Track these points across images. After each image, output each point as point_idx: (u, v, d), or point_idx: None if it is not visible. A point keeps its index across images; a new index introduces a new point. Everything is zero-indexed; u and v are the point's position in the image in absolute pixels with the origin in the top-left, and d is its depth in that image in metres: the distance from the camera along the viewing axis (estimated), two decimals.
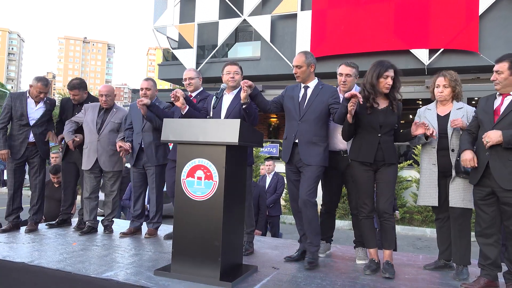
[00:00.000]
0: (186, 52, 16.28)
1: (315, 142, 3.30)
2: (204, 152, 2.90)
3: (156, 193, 4.25)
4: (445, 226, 3.32)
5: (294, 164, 3.40)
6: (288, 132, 3.44)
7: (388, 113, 3.19)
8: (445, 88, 3.23)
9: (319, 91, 3.38)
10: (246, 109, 3.31)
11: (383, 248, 3.27)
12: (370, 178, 3.23)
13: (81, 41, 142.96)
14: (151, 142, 4.18)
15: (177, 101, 3.59)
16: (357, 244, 3.62)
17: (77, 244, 3.85)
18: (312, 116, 3.31)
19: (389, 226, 3.23)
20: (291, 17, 14.47)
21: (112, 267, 3.14)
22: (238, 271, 2.99)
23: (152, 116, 4.06)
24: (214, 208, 2.83)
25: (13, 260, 3.26)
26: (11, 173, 4.34)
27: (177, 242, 2.94)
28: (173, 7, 16.93)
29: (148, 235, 4.24)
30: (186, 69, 4.21)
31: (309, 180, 3.26)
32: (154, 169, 4.21)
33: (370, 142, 3.19)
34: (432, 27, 12.35)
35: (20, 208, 4.46)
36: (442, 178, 3.22)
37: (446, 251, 3.35)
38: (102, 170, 4.40)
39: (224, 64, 3.76)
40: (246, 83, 3.22)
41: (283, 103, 3.51)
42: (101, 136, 4.31)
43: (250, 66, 14.39)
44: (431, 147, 3.23)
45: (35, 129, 4.33)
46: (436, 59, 12.34)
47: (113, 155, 4.35)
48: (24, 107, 4.29)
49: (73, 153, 4.50)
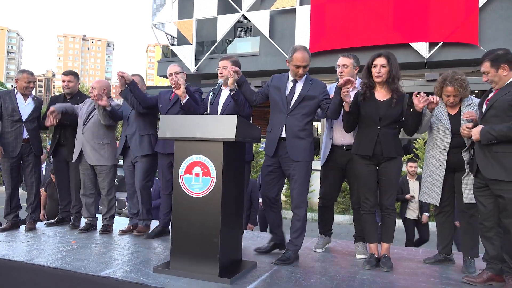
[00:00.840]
0: (185, 48, 16.21)
1: (302, 137, 3.25)
2: (202, 148, 2.88)
3: (141, 188, 4.12)
4: (447, 221, 3.31)
5: (277, 158, 3.33)
6: (273, 125, 3.35)
7: (389, 106, 3.13)
8: (455, 97, 3.16)
9: (310, 86, 3.31)
10: (234, 95, 3.25)
11: (382, 241, 3.26)
12: (371, 172, 3.20)
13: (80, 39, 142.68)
14: (134, 132, 4.11)
15: (178, 89, 3.53)
16: (357, 239, 3.62)
17: (76, 242, 3.84)
18: (302, 111, 3.26)
19: (390, 220, 3.23)
20: (290, 12, 14.39)
21: (111, 264, 3.13)
22: (237, 267, 2.98)
23: (128, 94, 3.95)
24: (212, 205, 2.82)
25: (13, 258, 3.26)
26: (8, 172, 4.31)
27: (176, 239, 2.93)
28: (171, 3, 16.84)
29: (138, 233, 4.16)
30: (171, 65, 4.08)
31: (301, 185, 3.25)
32: (140, 162, 4.10)
33: (369, 135, 3.16)
34: (431, 20, 12.28)
35: (19, 207, 4.45)
36: (450, 172, 3.18)
37: (447, 247, 3.34)
38: (92, 166, 4.31)
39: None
40: (233, 68, 3.19)
41: (268, 94, 3.42)
42: (85, 129, 4.26)
43: (249, 61, 14.34)
44: (442, 148, 3.16)
45: (28, 125, 4.30)
46: (436, 52, 12.27)
47: (98, 149, 4.26)
48: (15, 103, 4.26)
49: (62, 150, 4.49)
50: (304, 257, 3.45)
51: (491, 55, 2.82)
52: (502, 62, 2.76)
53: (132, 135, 4.12)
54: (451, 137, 3.13)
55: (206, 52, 15.88)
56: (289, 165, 3.27)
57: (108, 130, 4.34)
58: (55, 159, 4.61)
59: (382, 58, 3.14)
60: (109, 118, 4.19)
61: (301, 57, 3.25)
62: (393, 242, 3.29)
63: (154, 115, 4.27)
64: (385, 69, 3.12)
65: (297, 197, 3.27)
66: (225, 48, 16.65)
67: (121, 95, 3.98)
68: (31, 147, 4.33)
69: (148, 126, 4.15)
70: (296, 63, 3.26)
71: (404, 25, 12.52)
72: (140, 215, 4.25)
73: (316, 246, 3.72)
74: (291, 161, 3.25)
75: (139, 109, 4.02)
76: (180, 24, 16.49)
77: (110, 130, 4.39)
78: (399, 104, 3.15)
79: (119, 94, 4.01)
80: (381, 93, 3.19)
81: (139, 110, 4.03)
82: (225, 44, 16.70)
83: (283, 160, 3.30)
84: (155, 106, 4.10)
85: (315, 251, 3.67)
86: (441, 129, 3.18)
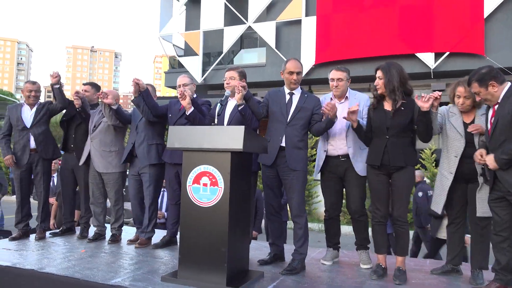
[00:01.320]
0: (192, 59, 16.39)
1: (300, 148, 3.36)
2: (209, 159, 2.93)
3: (150, 200, 4.15)
4: (457, 232, 3.29)
5: (275, 168, 3.40)
6: (272, 135, 3.42)
7: (395, 115, 3.15)
8: (466, 99, 3.14)
9: (305, 99, 3.46)
10: (242, 111, 3.30)
11: (396, 254, 3.24)
12: (382, 182, 3.20)
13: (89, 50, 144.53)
14: (142, 141, 4.14)
15: (183, 100, 3.59)
16: (358, 247, 3.61)
17: (85, 251, 3.89)
18: (300, 122, 3.38)
19: (403, 232, 3.19)
20: (296, 23, 14.53)
21: (119, 273, 3.17)
22: (245, 277, 3.00)
23: (140, 101, 3.99)
24: (220, 214, 2.86)
25: (23, 267, 3.31)
26: (17, 181, 4.40)
27: (184, 248, 2.96)
28: (178, 15, 17.10)
29: (139, 245, 4.09)
30: (180, 76, 4.15)
31: (299, 194, 3.33)
32: (148, 174, 4.11)
33: (377, 145, 3.19)
34: (437, 30, 12.32)
35: (29, 216, 4.51)
36: (463, 183, 3.16)
37: (456, 258, 3.31)
38: (100, 175, 4.34)
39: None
40: (241, 84, 3.26)
41: (268, 106, 3.53)
42: (93, 136, 4.31)
43: (255, 72, 14.46)
44: (454, 155, 3.14)
45: (34, 130, 4.36)
46: (442, 63, 12.30)
47: (106, 156, 4.28)
48: (19, 113, 4.40)
49: (69, 157, 4.54)
50: (311, 267, 3.46)
51: (476, 76, 2.86)
52: (489, 80, 2.81)
53: (140, 143, 4.15)
54: (464, 145, 3.11)
55: (212, 63, 16.03)
56: (288, 174, 3.34)
57: (116, 138, 4.37)
58: (62, 166, 4.66)
59: (379, 71, 3.22)
60: (115, 118, 4.21)
61: (293, 64, 3.46)
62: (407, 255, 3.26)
63: (162, 125, 4.31)
64: (382, 81, 3.19)
65: (297, 206, 3.34)
66: (232, 59, 16.81)
67: (134, 102, 4.04)
68: (40, 156, 4.38)
69: (156, 136, 4.19)
70: (290, 70, 3.44)
71: (410, 35, 12.57)
72: (144, 227, 4.19)
73: (324, 258, 3.69)
74: (289, 170, 3.32)
75: (149, 117, 4.07)
76: (187, 36, 16.71)
77: (118, 137, 4.41)
78: (407, 112, 3.15)
79: (132, 101, 4.08)
80: (388, 103, 3.23)
81: (149, 118, 4.08)
82: (231, 55, 16.87)
83: (282, 170, 3.37)
84: (165, 116, 4.16)
85: (323, 263, 3.64)
86: (455, 136, 3.16)
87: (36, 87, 4.48)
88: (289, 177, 3.33)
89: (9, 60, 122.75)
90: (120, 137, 4.45)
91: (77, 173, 4.51)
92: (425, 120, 3.08)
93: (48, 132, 4.48)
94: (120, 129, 4.40)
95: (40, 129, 4.39)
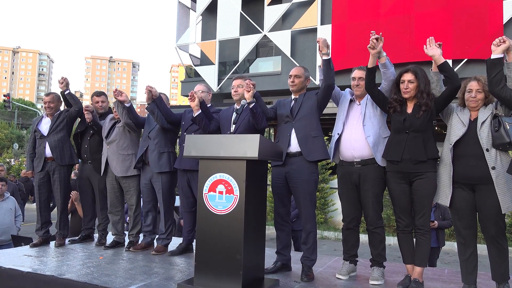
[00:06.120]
0: (208, 68, 16.59)
1: (315, 136, 3.39)
2: (225, 167, 2.97)
3: (165, 207, 4.19)
4: (468, 249, 2.95)
5: (284, 175, 3.41)
6: (281, 134, 3.49)
7: (415, 117, 3.06)
8: (478, 93, 2.99)
9: (305, 95, 3.55)
10: (254, 108, 3.38)
11: (414, 264, 3.10)
12: (403, 191, 3.10)
13: (107, 60, 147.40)
14: (154, 148, 4.17)
15: (192, 101, 3.71)
16: (373, 263, 3.37)
17: (104, 257, 3.95)
18: (305, 112, 3.44)
19: (423, 241, 3.07)
20: (311, 31, 14.58)
21: (136, 280, 3.22)
22: (260, 284, 3.02)
23: (154, 108, 4.07)
24: (236, 222, 2.88)
25: (44, 273, 3.39)
26: (36, 188, 4.53)
27: (200, 255, 2.99)
28: (195, 25, 17.36)
29: (156, 252, 4.11)
30: (198, 84, 4.24)
31: (310, 199, 3.35)
32: (160, 182, 4.14)
33: (398, 141, 3.11)
34: (455, 37, 12.19)
35: (49, 223, 4.61)
36: (470, 191, 2.92)
37: (470, 279, 2.97)
38: (119, 183, 4.40)
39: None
40: (250, 81, 3.36)
41: (276, 110, 3.62)
42: (109, 141, 4.38)
43: (271, 81, 14.53)
44: (454, 138, 2.95)
45: (50, 138, 4.45)
46: (460, 70, 12.13)
47: (123, 160, 4.34)
48: (38, 124, 4.58)
49: (85, 168, 4.63)
50: (326, 276, 3.43)
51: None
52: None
53: (152, 151, 4.18)
54: (464, 132, 2.93)
55: (228, 72, 16.18)
56: (296, 180, 3.34)
57: (131, 142, 4.44)
58: (79, 175, 4.77)
59: (409, 74, 3.12)
60: (128, 117, 4.27)
61: (292, 69, 3.61)
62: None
63: (175, 133, 4.37)
64: (413, 85, 3.09)
65: (305, 212, 3.35)
66: (247, 68, 16.93)
67: (148, 109, 4.12)
68: (56, 164, 4.45)
69: (168, 144, 4.24)
70: (289, 75, 3.58)
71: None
72: (161, 234, 4.23)
73: (340, 272, 3.42)
74: (297, 175, 3.34)
75: (163, 123, 4.13)
76: (204, 45, 16.93)
77: (134, 142, 4.47)
78: (426, 114, 3.05)
79: (146, 109, 4.16)
80: (410, 107, 3.14)
81: (163, 124, 4.13)
82: (247, 63, 16.99)
83: (290, 176, 3.37)
84: (178, 123, 4.23)
85: (338, 277, 3.38)
86: (458, 125, 3.00)
87: (49, 99, 4.58)
88: (298, 182, 3.34)
89: (31, 71, 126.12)
90: (136, 142, 4.50)
91: (93, 181, 4.59)
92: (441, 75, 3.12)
93: (65, 139, 4.54)
94: (134, 133, 4.48)
95: (56, 137, 4.47)
